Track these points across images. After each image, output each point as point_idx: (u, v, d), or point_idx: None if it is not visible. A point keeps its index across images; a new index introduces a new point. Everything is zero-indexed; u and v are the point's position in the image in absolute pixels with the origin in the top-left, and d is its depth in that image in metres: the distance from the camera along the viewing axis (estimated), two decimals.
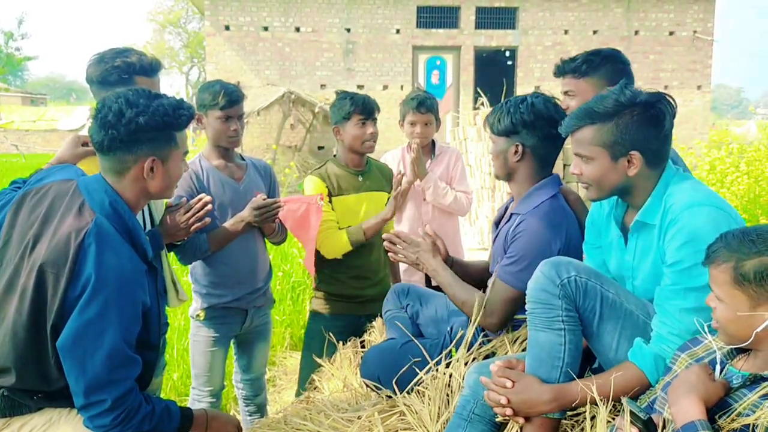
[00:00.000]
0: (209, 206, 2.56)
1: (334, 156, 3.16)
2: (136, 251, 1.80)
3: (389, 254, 2.54)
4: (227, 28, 15.63)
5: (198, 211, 2.53)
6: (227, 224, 2.81)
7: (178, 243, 2.66)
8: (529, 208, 2.22)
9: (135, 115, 1.76)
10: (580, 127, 1.89)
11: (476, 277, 2.54)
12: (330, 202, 3.00)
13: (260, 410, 3.25)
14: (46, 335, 1.70)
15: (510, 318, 2.22)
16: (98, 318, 1.67)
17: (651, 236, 1.85)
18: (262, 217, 2.79)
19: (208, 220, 2.56)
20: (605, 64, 2.45)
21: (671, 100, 1.85)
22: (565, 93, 2.52)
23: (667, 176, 1.86)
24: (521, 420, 1.83)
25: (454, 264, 2.56)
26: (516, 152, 2.24)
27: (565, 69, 2.51)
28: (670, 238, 1.76)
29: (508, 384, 1.83)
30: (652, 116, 1.81)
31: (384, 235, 2.54)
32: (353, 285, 3.08)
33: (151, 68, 2.41)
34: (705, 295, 1.61)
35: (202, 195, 2.58)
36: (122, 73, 2.33)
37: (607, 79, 2.42)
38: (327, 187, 3.01)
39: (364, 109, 3.02)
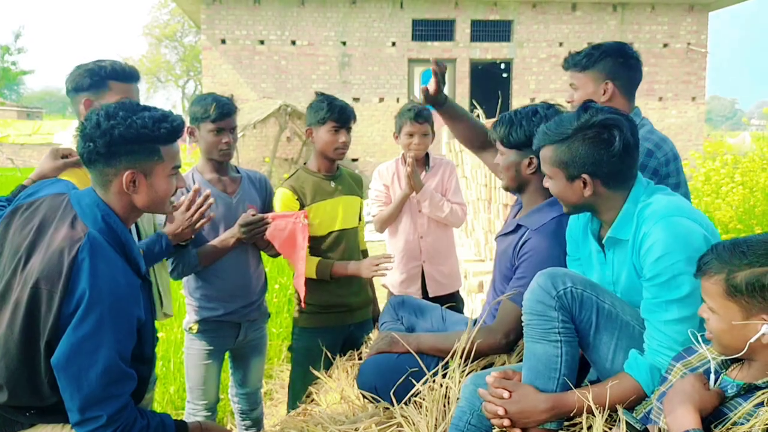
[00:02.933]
0: (211, 200, 2.56)
1: (305, 164, 3.13)
2: (130, 265, 1.79)
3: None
4: (223, 41, 15.70)
5: (200, 207, 2.53)
6: (217, 240, 2.81)
7: (184, 243, 2.66)
8: (536, 225, 2.22)
9: (110, 127, 1.74)
10: (543, 144, 1.93)
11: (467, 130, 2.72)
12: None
13: (257, 424, 3.24)
14: (39, 351, 1.68)
15: (516, 333, 2.21)
16: (93, 334, 1.65)
17: (625, 251, 1.87)
18: (250, 233, 2.78)
19: (212, 214, 2.58)
20: (604, 58, 2.47)
21: (627, 123, 1.85)
22: (571, 85, 2.57)
23: (637, 192, 1.87)
24: (518, 431, 1.83)
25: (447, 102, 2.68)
26: (530, 164, 2.25)
27: (569, 63, 2.56)
28: (644, 252, 1.77)
29: (505, 394, 1.83)
30: (602, 140, 1.82)
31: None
32: (338, 293, 3.04)
33: (124, 73, 2.38)
34: (687, 304, 1.63)
35: (200, 188, 2.58)
36: (93, 76, 2.32)
37: (606, 73, 2.45)
38: (298, 199, 2.96)
39: (340, 117, 2.96)
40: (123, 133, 1.75)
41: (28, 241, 1.76)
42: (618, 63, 2.47)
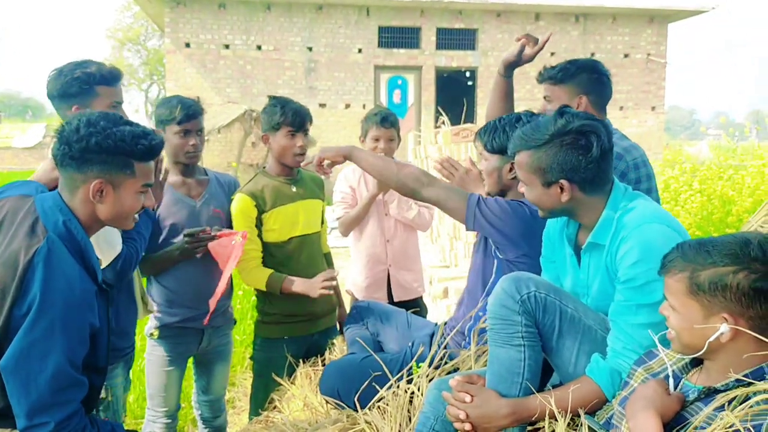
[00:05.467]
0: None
1: (264, 168, 3.05)
2: (87, 272, 1.77)
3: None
4: (187, 45, 15.52)
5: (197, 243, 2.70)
6: (163, 251, 2.76)
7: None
8: None
9: (89, 134, 1.75)
10: (518, 150, 1.92)
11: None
12: (261, 218, 2.88)
13: None
14: None
15: (439, 203, 2.34)
16: (43, 339, 1.63)
17: (601, 255, 1.88)
18: (191, 246, 2.70)
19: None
20: (580, 73, 2.56)
21: (603, 129, 1.85)
22: (545, 98, 2.63)
23: (616, 197, 1.88)
24: None
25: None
26: (511, 170, 2.27)
27: (544, 76, 2.62)
28: (622, 255, 1.78)
29: (467, 398, 1.83)
30: (580, 145, 1.81)
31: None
32: (304, 301, 2.91)
33: (111, 77, 2.39)
34: (657, 310, 1.63)
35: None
36: (83, 84, 2.30)
37: (581, 87, 2.54)
38: (256, 206, 2.86)
39: (294, 120, 2.86)
40: (100, 141, 1.75)
41: None
42: (592, 79, 2.57)
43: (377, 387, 2.24)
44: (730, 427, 1.38)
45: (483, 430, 1.82)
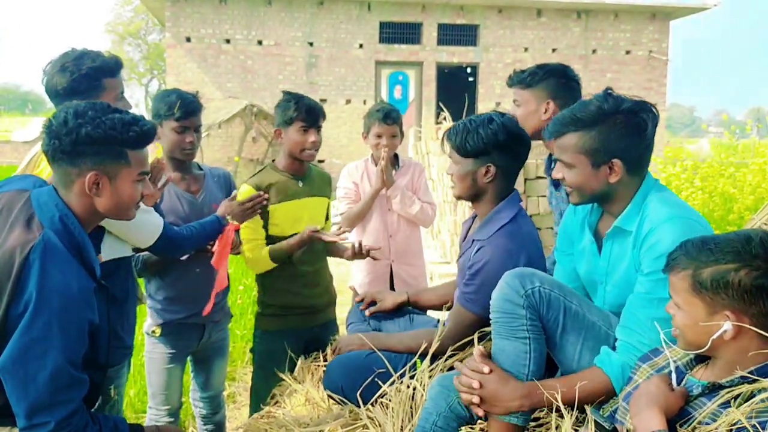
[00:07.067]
0: (266, 195, 2.83)
1: (273, 161, 3.04)
2: (85, 268, 1.73)
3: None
4: (188, 39, 15.51)
5: (257, 203, 2.78)
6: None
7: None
8: (487, 236, 2.21)
9: (78, 126, 1.70)
10: (563, 133, 1.90)
11: (439, 302, 2.69)
12: (267, 211, 2.89)
13: (219, 428, 3.18)
14: None
15: (461, 338, 2.23)
16: (41, 338, 1.60)
17: (626, 243, 1.87)
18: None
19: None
20: (548, 78, 2.54)
21: (654, 109, 1.87)
22: (514, 101, 2.63)
23: (647, 185, 1.89)
24: (481, 412, 1.81)
25: (411, 300, 2.76)
26: (487, 173, 2.21)
27: (513, 80, 2.62)
28: (648, 247, 1.77)
29: (486, 369, 1.80)
30: (634, 124, 1.82)
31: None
32: (305, 294, 2.96)
33: (117, 68, 2.37)
34: None
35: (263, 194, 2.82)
36: (92, 80, 2.27)
37: (548, 92, 2.53)
38: None
39: (308, 116, 2.85)
40: (90, 132, 1.71)
41: None
42: (560, 84, 2.55)
43: (380, 383, 2.24)
44: (735, 423, 1.38)
45: (487, 408, 1.80)
